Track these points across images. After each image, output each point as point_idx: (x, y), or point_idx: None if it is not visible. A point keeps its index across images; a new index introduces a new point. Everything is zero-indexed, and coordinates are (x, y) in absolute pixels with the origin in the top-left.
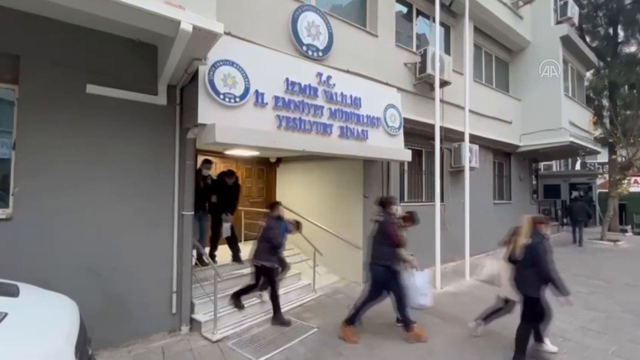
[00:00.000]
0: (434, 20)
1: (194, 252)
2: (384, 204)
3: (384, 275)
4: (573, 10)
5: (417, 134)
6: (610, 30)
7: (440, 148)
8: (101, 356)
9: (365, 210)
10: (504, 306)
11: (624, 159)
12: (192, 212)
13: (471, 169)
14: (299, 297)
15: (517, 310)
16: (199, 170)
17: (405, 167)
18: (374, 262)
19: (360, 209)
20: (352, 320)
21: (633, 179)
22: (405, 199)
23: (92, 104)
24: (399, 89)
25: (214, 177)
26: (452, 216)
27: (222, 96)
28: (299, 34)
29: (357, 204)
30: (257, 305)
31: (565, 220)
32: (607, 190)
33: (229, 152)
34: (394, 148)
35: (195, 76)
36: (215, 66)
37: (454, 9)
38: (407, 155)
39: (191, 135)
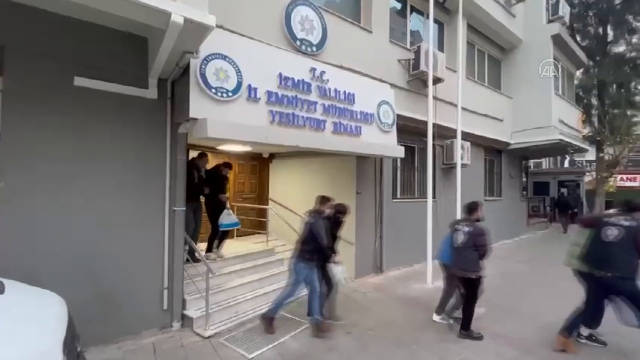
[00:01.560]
0: (427, 17)
1: (186, 247)
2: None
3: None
4: (564, 9)
5: (410, 131)
6: (600, 30)
7: (433, 145)
8: (91, 353)
9: (358, 207)
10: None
11: (610, 156)
12: (184, 208)
13: (463, 165)
14: None
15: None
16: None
17: (398, 164)
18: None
19: (353, 205)
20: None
21: (619, 176)
22: (398, 196)
23: (81, 97)
24: (392, 85)
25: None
26: (443, 212)
27: (214, 90)
28: (293, 29)
29: (349, 200)
30: (250, 301)
31: (553, 212)
32: (594, 188)
33: (221, 147)
34: (387, 144)
35: (186, 70)
36: (207, 60)
37: (447, 5)
38: (400, 152)
39: (182, 129)
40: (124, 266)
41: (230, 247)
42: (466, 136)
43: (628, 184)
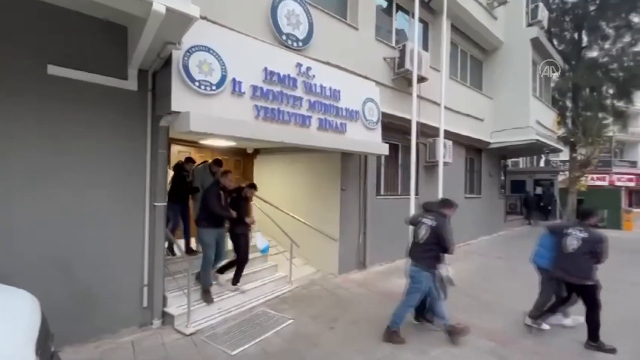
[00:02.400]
0: (413, 16)
1: (166, 244)
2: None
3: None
4: (543, 14)
5: (394, 129)
6: (576, 35)
7: (416, 143)
8: (66, 353)
9: (342, 203)
10: None
11: (583, 157)
12: (165, 203)
13: (445, 164)
14: (275, 289)
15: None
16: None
17: (382, 161)
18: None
19: (338, 201)
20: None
21: (590, 175)
22: (382, 192)
23: (56, 88)
24: (377, 83)
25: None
26: None
27: (197, 83)
28: (279, 23)
29: (334, 197)
30: (232, 298)
31: (521, 210)
32: (567, 187)
33: (204, 142)
34: (372, 142)
35: (168, 61)
36: (190, 51)
37: (432, 5)
38: (384, 149)
39: (164, 123)
40: (102, 263)
41: None
42: (448, 135)
43: (598, 183)
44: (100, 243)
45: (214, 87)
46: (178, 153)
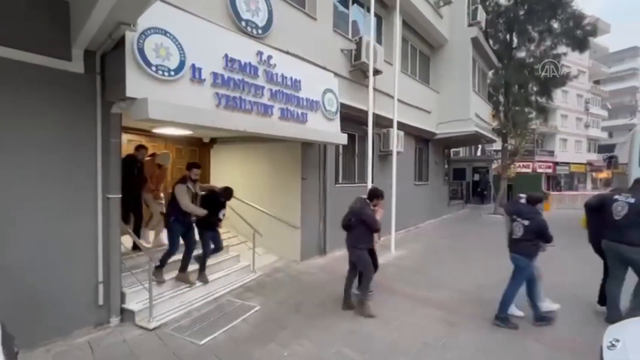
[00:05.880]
0: (368, 10)
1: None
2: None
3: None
4: (482, 15)
5: (351, 119)
6: (508, 37)
7: (372, 133)
8: None
9: (303, 192)
10: None
11: (512, 147)
12: (119, 195)
13: (397, 153)
14: (238, 278)
15: None
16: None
17: (340, 151)
18: None
19: (298, 190)
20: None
21: (518, 163)
22: (340, 180)
23: None
24: (335, 74)
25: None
26: None
27: (154, 68)
28: (238, 8)
29: (295, 185)
30: (195, 290)
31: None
32: (499, 173)
33: (157, 131)
34: (331, 132)
35: (120, 43)
36: (145, 34)
37: (385, 0)
38: (343, 139)
39: (116, 109)
40: (48, 263)
41: None
42: (400, 126)
43: (523, 170)
44: (45, 242)
45: (172, 73)
46: (128, 142)
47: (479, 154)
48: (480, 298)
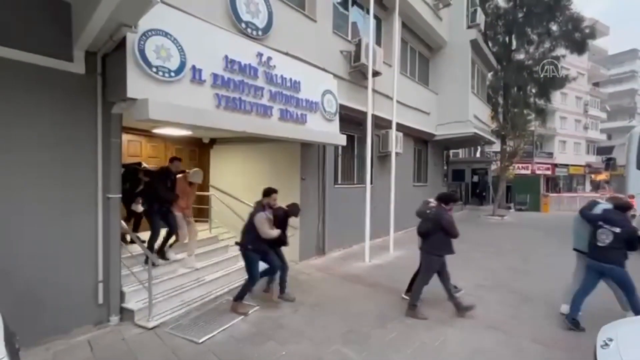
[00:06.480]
0: (367, 12)
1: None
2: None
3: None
4: (480, 18)
5: (350, 120)
6: (507, 39)
7: (371, 134)
8: None
9: (302, 192)
10: None
11: (511, 148)
12: (119, 195)
13: (396, 154)
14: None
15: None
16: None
17: (339, 152)
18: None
19: (298, 190)
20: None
21: (517, 165)
22: (339, 181)
23: None
24: (335, 75)
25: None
26: (378, 197)
27: (154, 69)
28: (238, 10)
29: (294, 186)
30: (196, 289)
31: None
32: (498, 175)
33: (158, 131)
34: (330, 132)
35: (121, 44)
36: (146, 35)
37: (385, 2)
38: (342, 140)
39: (117, 110)
40: (48, 262)
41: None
42: (399, 127)
43: (522, 171)
44: (46, 241)
45: (173, 74)
46: (128, 142)
47: (478, 155)
48: (479, 298)
